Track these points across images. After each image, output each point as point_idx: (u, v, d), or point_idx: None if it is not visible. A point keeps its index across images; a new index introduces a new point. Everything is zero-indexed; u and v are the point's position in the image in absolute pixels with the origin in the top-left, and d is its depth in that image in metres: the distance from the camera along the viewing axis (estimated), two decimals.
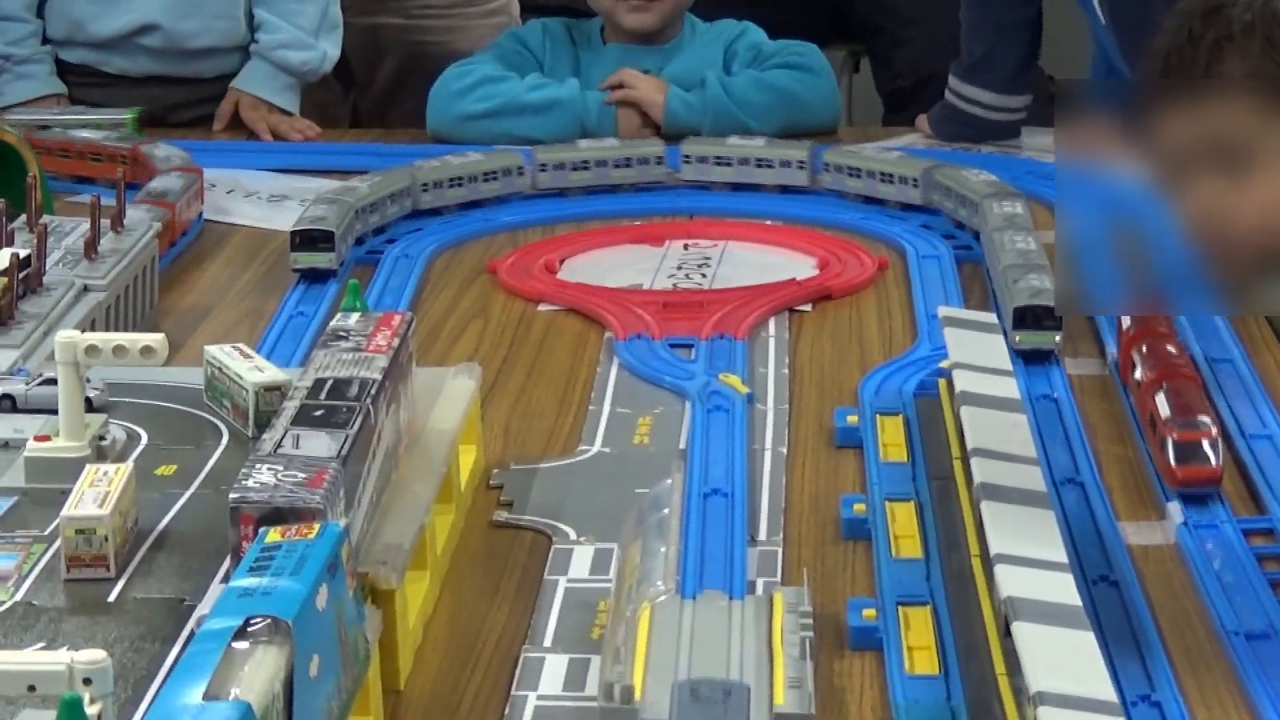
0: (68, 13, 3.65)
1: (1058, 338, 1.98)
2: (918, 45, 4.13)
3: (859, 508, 1.85)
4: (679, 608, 1.64)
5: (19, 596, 1.49)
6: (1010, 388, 1.92)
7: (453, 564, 1.76)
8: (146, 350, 1.72)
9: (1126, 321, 2.06)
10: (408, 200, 2.91)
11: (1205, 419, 1.89)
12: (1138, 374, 2.00)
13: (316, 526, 1.39)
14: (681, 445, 2.02)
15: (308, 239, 2.57)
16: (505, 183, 3.05)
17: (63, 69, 3.70)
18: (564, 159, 3.06)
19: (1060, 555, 1.61)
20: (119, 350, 1.72)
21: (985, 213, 2.54)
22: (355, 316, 1.78)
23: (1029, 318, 1.98)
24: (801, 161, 2.95)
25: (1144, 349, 2.01)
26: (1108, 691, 1.40)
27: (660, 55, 3.49)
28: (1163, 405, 1.90)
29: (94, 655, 1.27)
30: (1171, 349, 2.03)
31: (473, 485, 1.89)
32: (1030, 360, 2.01)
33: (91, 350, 1.73)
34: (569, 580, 1.75)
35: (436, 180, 2.97)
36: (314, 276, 2.55)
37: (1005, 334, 1.95)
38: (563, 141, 3.23)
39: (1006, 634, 1.48)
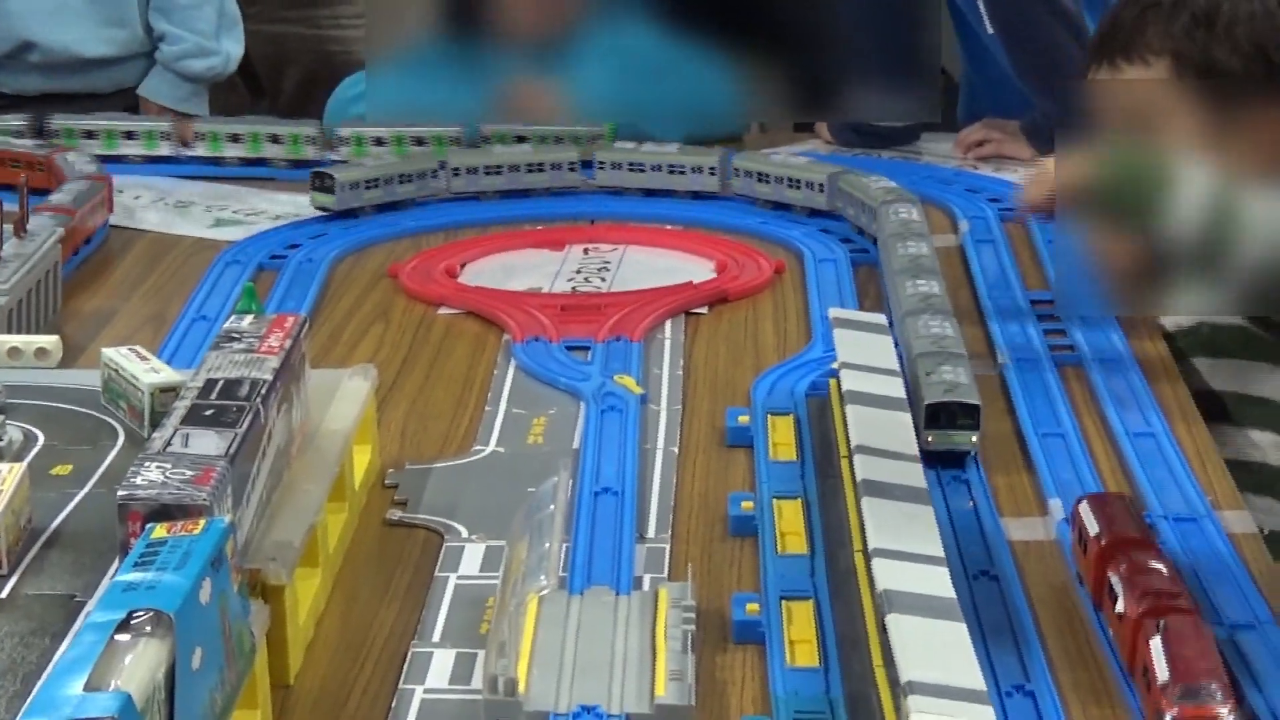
0: None
1: (974, 438, 1.89)
2: (827, 55, 4.15)
3: (746, 505, 1.87)
4: (565, 602, 1.67)
5: None
6: (896, 387, 1.94)
7: (345, 561, 1.78)
8: (41, 352, 1.74)
9: (1092, 526, 1.68)
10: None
11: (1215, 686, 1.39)
12: (1119, 606, 1.56)
13: (202, 522, 1.41)
14: (575, 445, 2.04)
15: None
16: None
17: None
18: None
19: (938, 550, 1.63)
20: (14, 352, 1.75)
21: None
22: (249, 319, 1.80)
23: (942, 416, 1.88)
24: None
25: (1123, 569, 1.58)
26: (978, 681, 1.42)
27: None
28: (1158, 659, 1.43)
29: None
30: (1161, 568, 1.59)
31: (367, 484, 1.90)
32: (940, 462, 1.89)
33: None
34: (459, 577, 1.76)
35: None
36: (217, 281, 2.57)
37: (917, 431, 1.85)
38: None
39: (883, 627, 1.50)
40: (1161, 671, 1.41)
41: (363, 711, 1.55)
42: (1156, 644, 1.43)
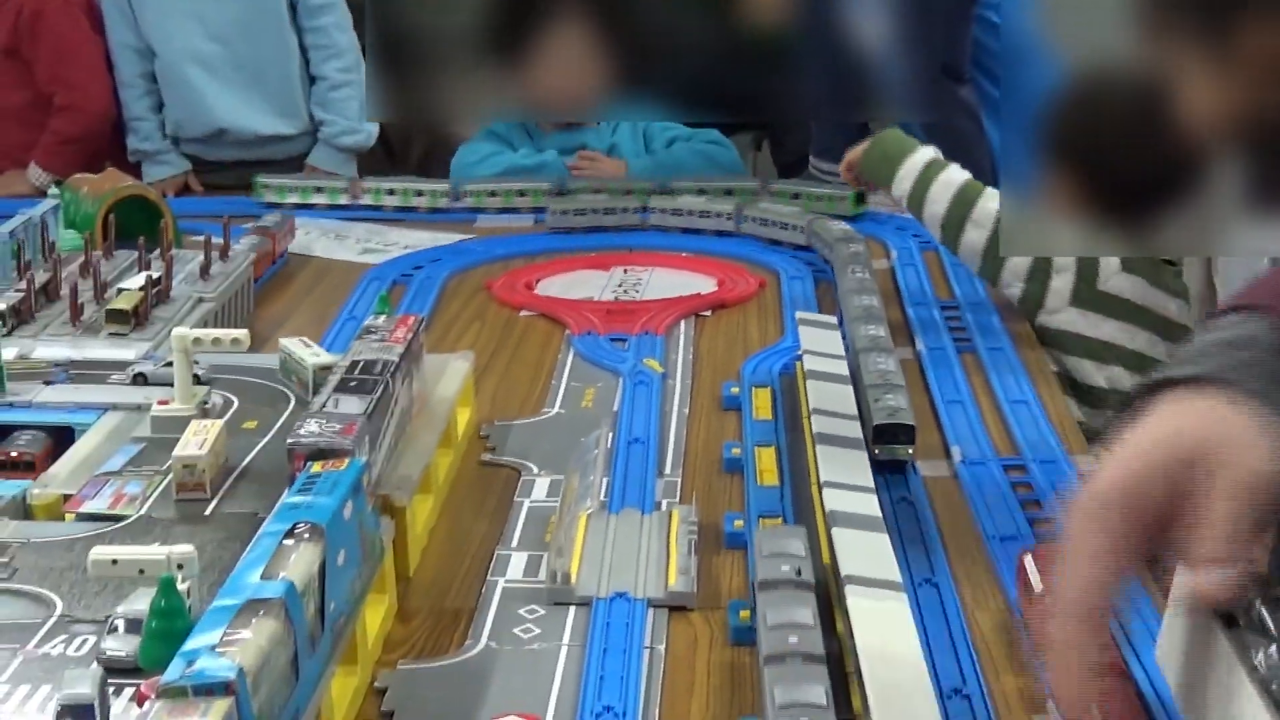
0: (172, 117, 3.66)
1: (910, 450, 1.81)
2: (798, 134, 4.14)
3: (736, 450, 1.88)
4: (605, 519, 1.68)
5: (143, 512, 1.52)
6: (843, 368, 1.95)
7: (450, 490, 1.79)
8: (235, 341, 1.75)
9: (1038, 580, 1.36)
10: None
11: None
12: None
13: (346, 461, 1.43)
14: (615, 408, 2.04)
15: None
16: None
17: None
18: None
19: (869, 482, 1.64)
20: (216, 341, 1.76)
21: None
22: (383, 318, 1.81)
23: (886, 433, 1.80)
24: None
25: None
26: (896, 574, 1.43)
27: (592, 134, 3.52)
28: None
29: (185, 549, 1.32)
30: None
31: (467, 435, 1.92)
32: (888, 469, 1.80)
33: (197, 341, 1.77)
34: (530, 502, 1.77)
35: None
36: (362, 292, 2.59)
37: (866, 444, 1.76)
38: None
39: (830, 537, 1.51)
40: None
41: (461, 596, 1.57)
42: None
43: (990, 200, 2.39)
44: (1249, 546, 0.93)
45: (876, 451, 1.76)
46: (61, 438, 1.75)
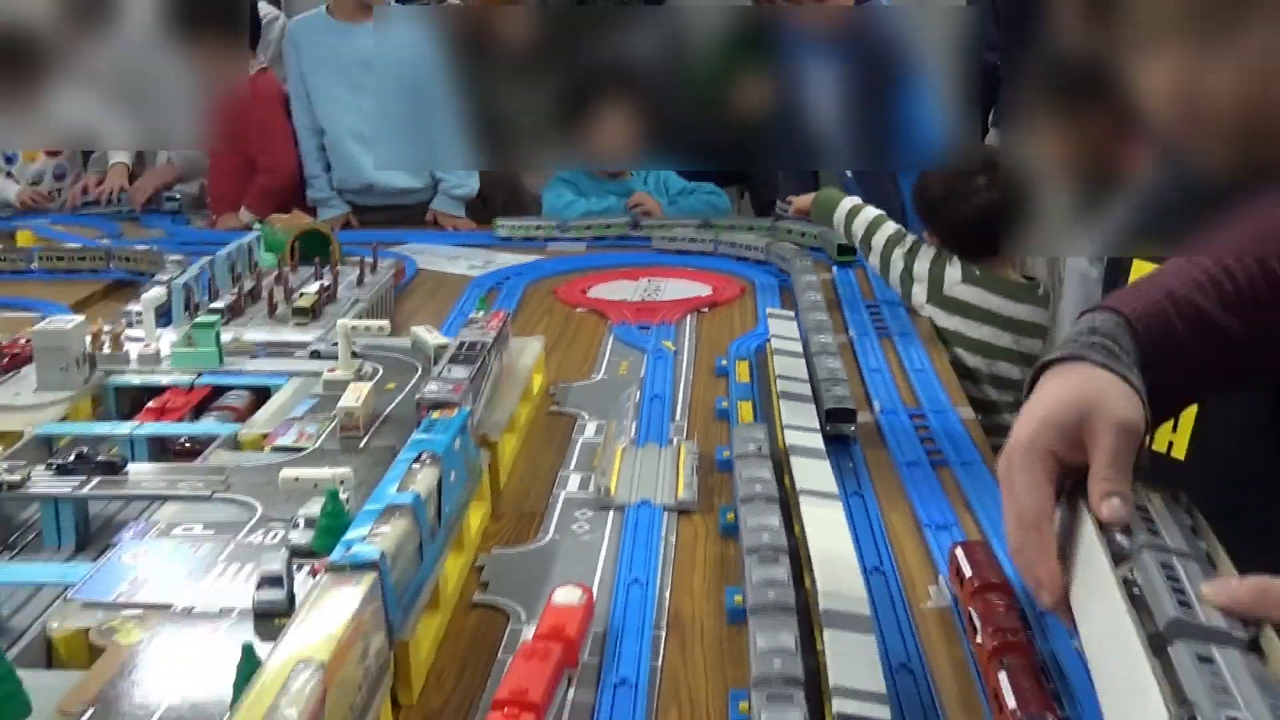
0: (336, 175, 3.66)
1: (853, 428, 1.72)
2: (769, 185, 4.10)
3: (724, 404, 1.86)
4: (635, 451, 1.68)
5: (317, 445, 1.52)
6: (798, 347, 1.94)
7: (528, 431, 1.78)
8: (380, 329, 1.75)
9: (966, 567, 1.23)
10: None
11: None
12: (979, 637, 1.14)
13: (456, 410, 1.43)
14: (641, 374, 2.04)
15: None
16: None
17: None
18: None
19: (815, 424, 1.63)
20: (366, 329, 1.76)
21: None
22: (482, 313, 1.81)
23: (835, 415, 1.71)
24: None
25: (981, 609, 1.16)
26: (834, 489, 1.43)
27: (630, 181, 3.50)
28: (1006, 690, 1.04)
29: (345, 471, 1.32)
30: (1006, 612, 1.14)
31: (540, 393, 1.91)
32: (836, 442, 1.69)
33: (354, 329, 1.77)
34: (584, 439, 1.76)
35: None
36: (470, 296, 2.58)
37: (817, 407, 1.69)
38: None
39: (789, 464, 1.50)
40: (1009, 698, 1.02)
41: (535, 503, 1.56)
42: (1004, 678, 1.04)
43: (882, 233, 2.45)
44: (1130, 473, 0.93)
45: (827, 428, 1.67)
46: (262, 395, 1.76)
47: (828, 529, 1.31)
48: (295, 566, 1.20)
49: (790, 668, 1.08)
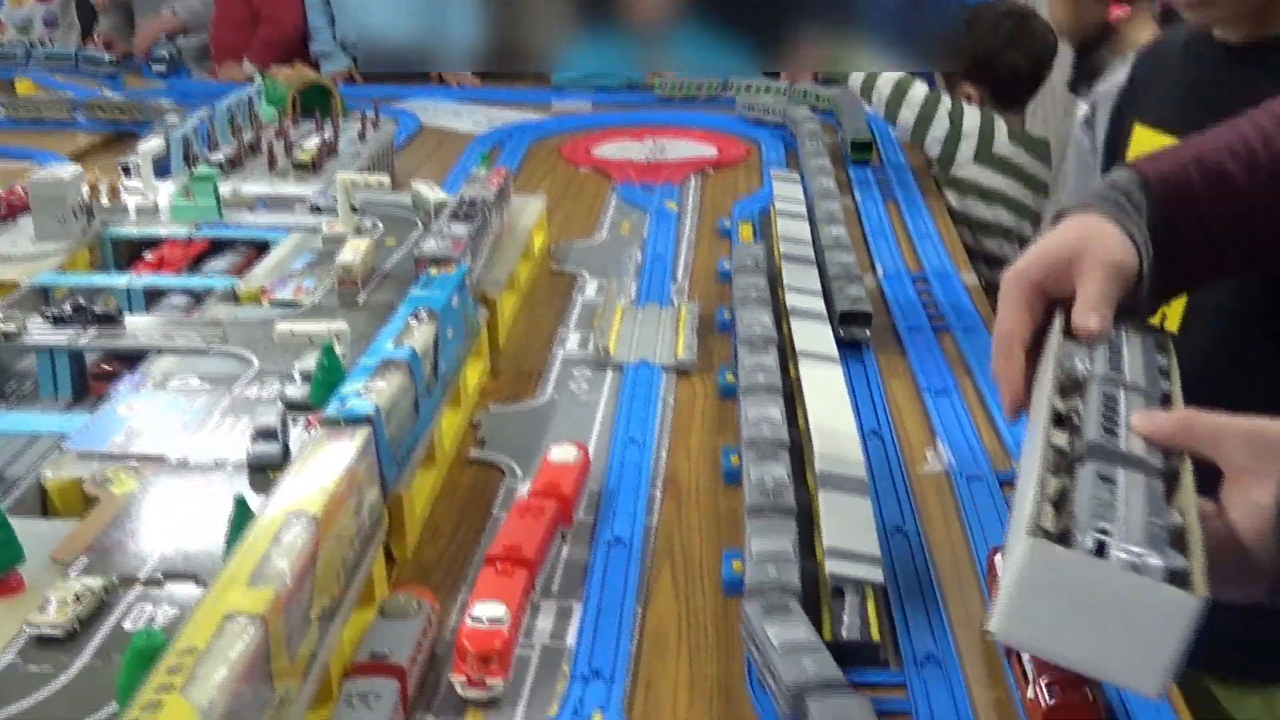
0: (340, 29, 3.60)
1: (868, 332, 1.57)
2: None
3: (727, 265, 1.83)
4: (635, 310, 1.66)
5: (314, 300, 1.51)
6: (802, 209, 1.91)
7: (529, 290, 1.76)
8: (380, 184, 1.73)
9: None
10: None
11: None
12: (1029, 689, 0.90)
13: (454, 266, 1.41)
14: (644, 235, 2.01)
15: None
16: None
17: None
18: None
19: (817, 287, 1.61)
20: (366, 184, 1.73)
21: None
22: (483, 170, 1.78)
23: (848, 318, 1.56)
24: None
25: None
26: (834, 352, 1.41)
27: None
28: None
29: (341, 325, 1.30)
30: None
31: (542, 252, 1.88)
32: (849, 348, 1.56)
33: (354, 184, 1.74)
34: (584, 298, 1.75)
35: None
36: (472, 152, 2.54)
37: (832, 324, 1.52)
38: None
39: (789, 324, 1.49)
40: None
41: (534, 361, 1.55)
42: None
43: (918, 90, 2.42)
44: (1113, 306, 0.94)
45: (841, 334, 1.53)
46: (261, 249, 1.73)
47: (826, 391, 1.30)
48: (290, 420, 1.19)
49: (784, 499, 1.09)
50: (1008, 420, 0.98)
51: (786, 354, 1.45)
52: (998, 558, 1.03)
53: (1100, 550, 0.69)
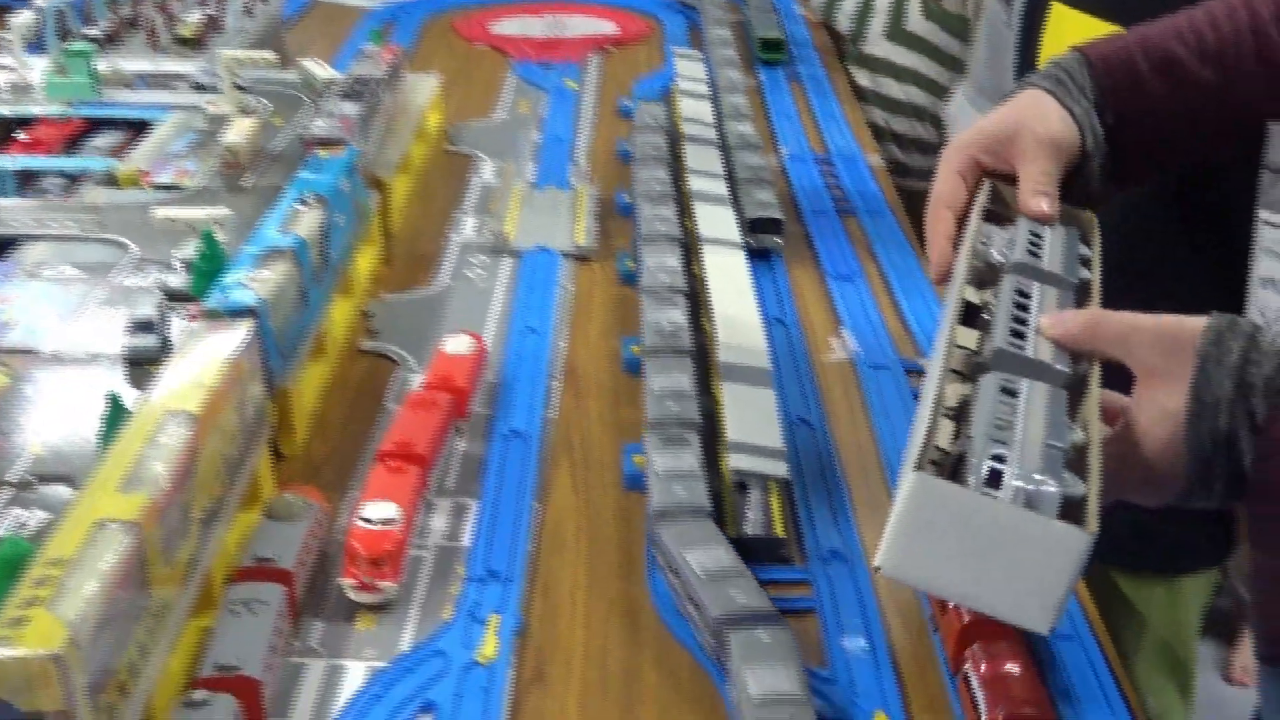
0: None
1: (779, 239, 1.47)
2: None
3: (627, 145, 1.77)
4: (533, 193, 1.61)
5: (198, 183, 1.44)
6: (705, 88, 1.86)
7: (422, 172, 1.69)
8: (267, 62, 1.64)
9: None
10: None
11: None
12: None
13: (344, 148, 1.35)
14: (543, 115, 1.95)
15: None
16: None
17: None
18: None
19: (720, 169, 1.57)
20: (251, 61, 1.65)
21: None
22: (375, 47, 1.71)
23: (758, 225, 1.46)
24: None
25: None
26: (738, 238, 1.38)
27: None
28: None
29: (223, 211, 1.24)
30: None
31: (436, 132, 1.81)
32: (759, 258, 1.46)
33: (239, 61, 1.65)
34: (482, 182, 1.69)
35: None
36: (363, 29, 2.44)
37: (740, 230, 1.41)
38: None
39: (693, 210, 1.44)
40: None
41: (429, 247, 1.50)
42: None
43: None
44: (1056, 184, 0.95)
45: (751, 242, 1.44)
46: (140, 129, 1.65)
47: (729, 278, 1.27)
48: (170, 311, 1.13)
49: (688, 411, 1.05)
50: (934, 283, 0.98)
51: (689, 245, 1.41)
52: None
53: (994, 479, 0.66)
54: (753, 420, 1.04)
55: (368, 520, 0.93)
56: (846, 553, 0.98)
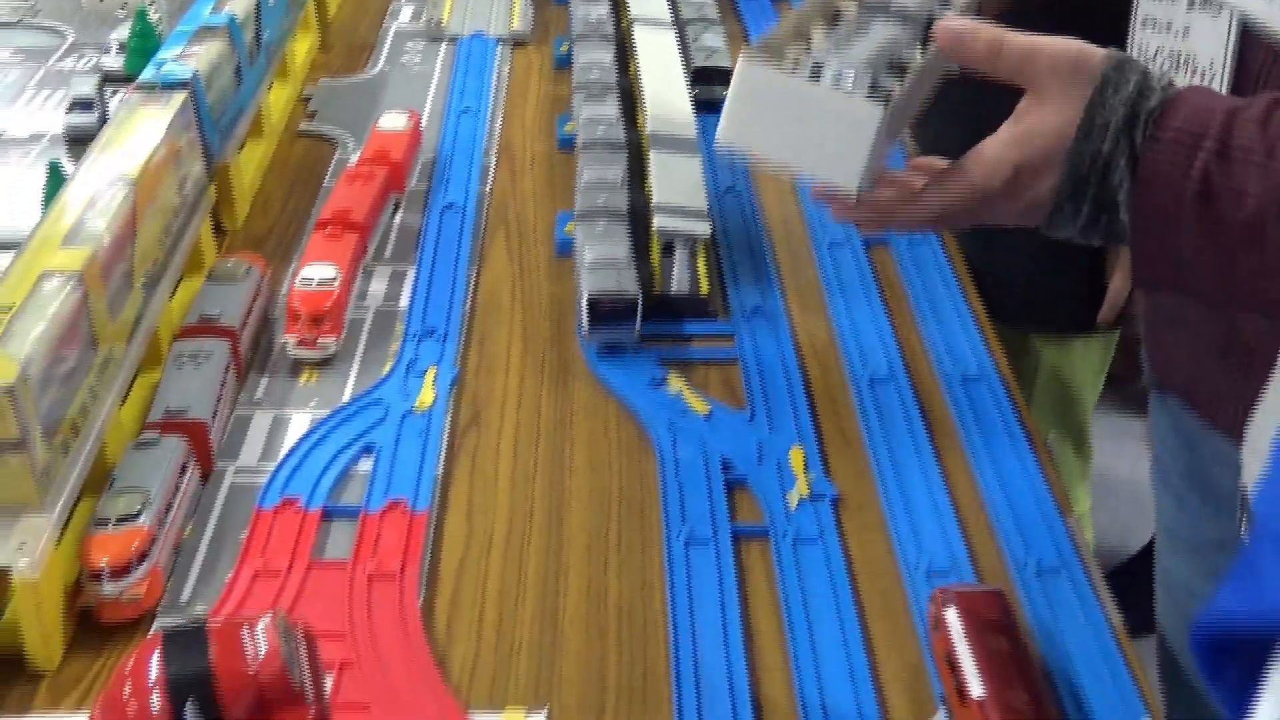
0: None
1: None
2: None
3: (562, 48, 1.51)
4: None
5: None
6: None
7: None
8: None
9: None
10: None
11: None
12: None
13: None
14: None
15: None
16: None
17: None
18: None
19: (666, 15, 1.46)
20: None
21: None
22: None
23: (702, 75, 1.32)
24: None
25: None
26: (667, 15, 1.38)
27: None
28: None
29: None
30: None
31: None
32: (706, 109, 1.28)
33: None
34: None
35: None
36: None
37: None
38: None
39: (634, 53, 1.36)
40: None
41: (366, 34, 1.50)
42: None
43: None
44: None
45: (697, 93, 1.29)
46: None
47: (660, 54, 1.28)
48: (109, 92, 1.14)
49: (616, 202, 1.07)
50: None
51: (622, 33, 1.40)
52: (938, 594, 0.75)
53: (816, 72, 0.75)
54: (679, 185, 1.07)
55: (307, 280, 0.96)
56: (768, 309, 1.02)
